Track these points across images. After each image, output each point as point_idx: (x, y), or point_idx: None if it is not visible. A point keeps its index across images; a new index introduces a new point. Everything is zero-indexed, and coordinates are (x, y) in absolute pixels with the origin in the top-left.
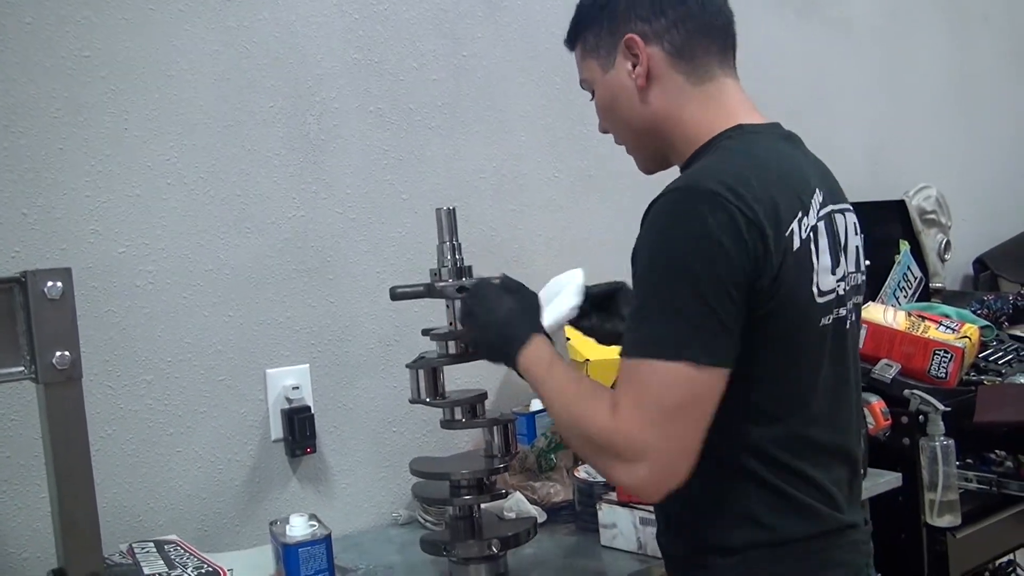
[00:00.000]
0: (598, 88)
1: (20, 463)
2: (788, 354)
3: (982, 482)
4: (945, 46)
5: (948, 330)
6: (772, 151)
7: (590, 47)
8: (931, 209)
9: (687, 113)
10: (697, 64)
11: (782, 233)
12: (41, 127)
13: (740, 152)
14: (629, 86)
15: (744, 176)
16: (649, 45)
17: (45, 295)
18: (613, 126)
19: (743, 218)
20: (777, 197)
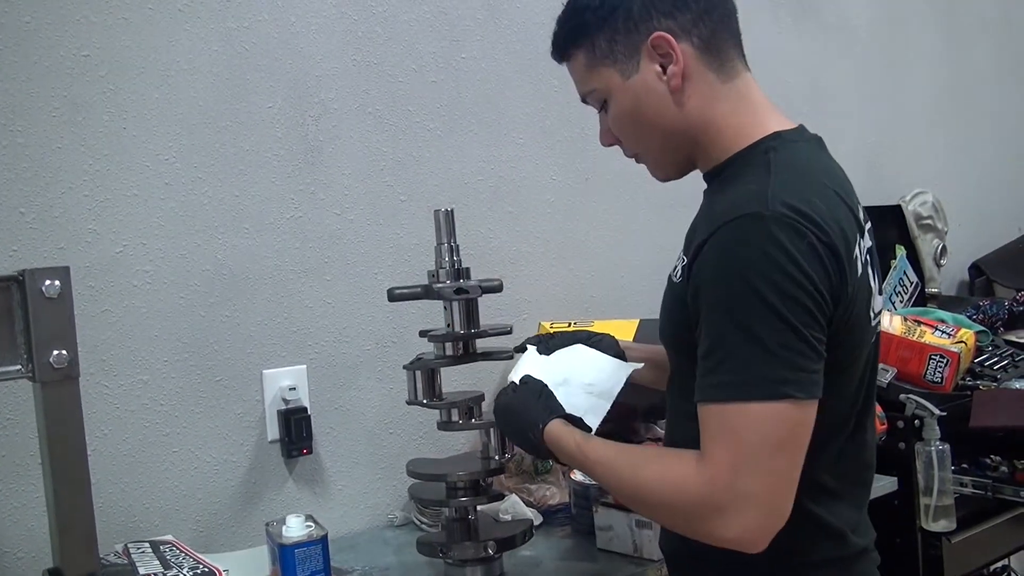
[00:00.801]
0: (617, 96)
1: (16, 462)
2: (848, 378)
3: (977, 487)
4: (942, 52)
5: (944, 335)
6: (819, 164)
7: (602, 53)
8: (927, 214)
9: (719, 114)
10: (724, 59)
11: (851, 257)
12: (40, 126)
13: (793, 168)
14: (659, 89)
15: (808, 197)
16: (680, 42)
17: (43, 294)
18: (636, 135)
19: (821, 244)
20: (841, 219)
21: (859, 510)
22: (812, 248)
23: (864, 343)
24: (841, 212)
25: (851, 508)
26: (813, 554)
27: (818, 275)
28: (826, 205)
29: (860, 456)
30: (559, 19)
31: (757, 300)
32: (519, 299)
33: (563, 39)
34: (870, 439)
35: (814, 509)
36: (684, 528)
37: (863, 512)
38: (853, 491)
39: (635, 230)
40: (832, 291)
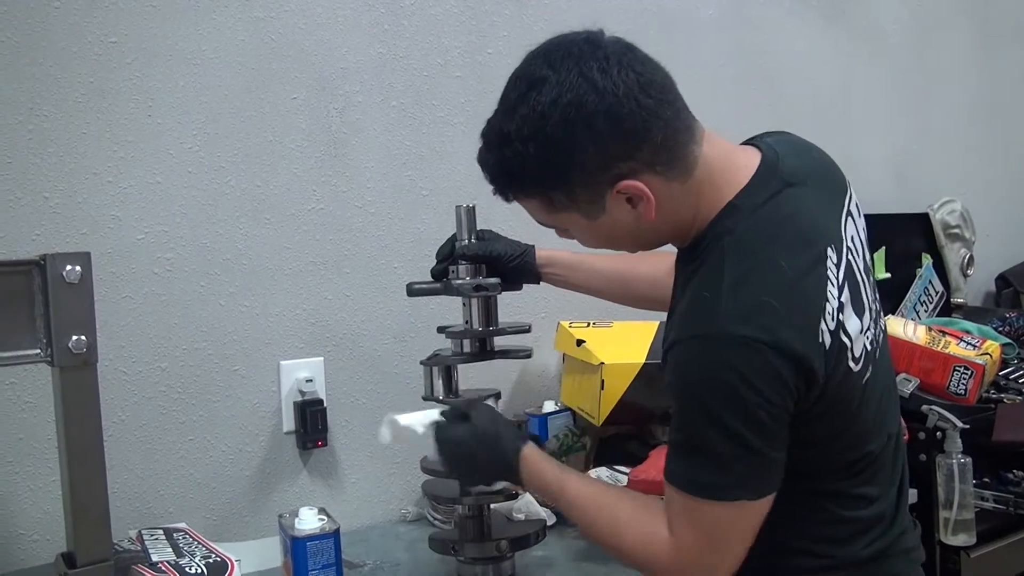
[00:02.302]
0: (583, 233)
1: (33, 445)
2: (838, 418)
3: (999, 502)
4: (973, 59)
5: (969, 346)
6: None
7: (561, 204)
8: (955, 223)
9: (687, 210)
10: (685, 163)
11: (816, 343)
12: (66, 111)
13: (748, 260)
14: (630, 221)
15: (763, 301)
16: (643, 178)
17: (64, 279)
18: (605, 248)
19: (776, 357)
20: (800, 306)
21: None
22: (766, 364)
23: (853, 388)
24: (799, 296)
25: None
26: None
27: (772, 389)
28: (782, 300)
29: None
30: (491, 164)
31: (710, 420)
32: (539, 297)
33: (505, 187)
34: (892, 426)
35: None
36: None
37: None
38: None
39: None
40: (794, 395)
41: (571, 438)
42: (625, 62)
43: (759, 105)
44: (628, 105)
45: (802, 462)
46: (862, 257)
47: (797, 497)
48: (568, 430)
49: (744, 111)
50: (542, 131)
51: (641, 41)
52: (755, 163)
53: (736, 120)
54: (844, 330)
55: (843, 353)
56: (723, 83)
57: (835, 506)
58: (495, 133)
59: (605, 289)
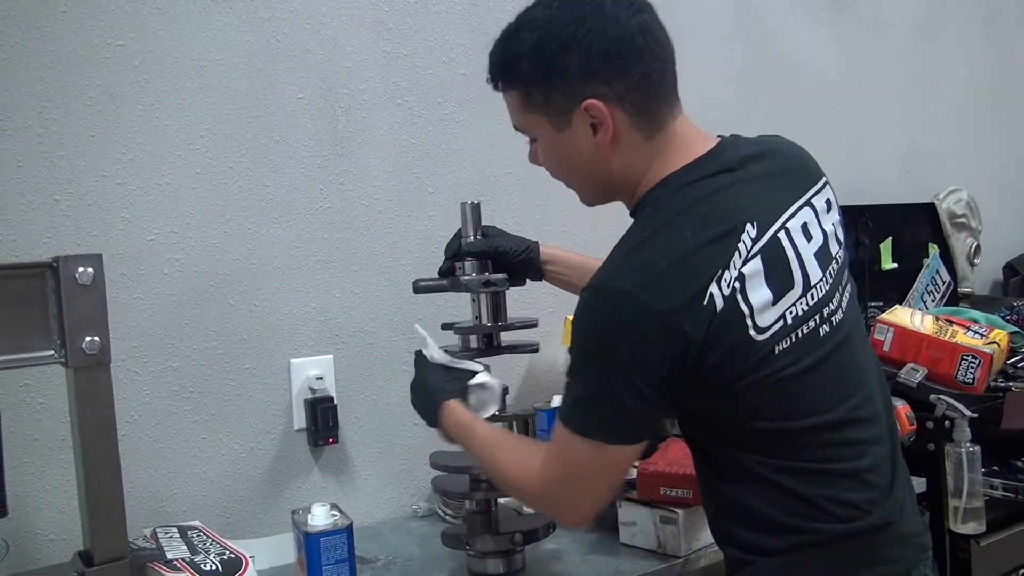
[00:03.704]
0: (546, 144)
1: (48, 446)
2: (762, 389)
3: (1008, 489)
4: (979, 48)
5: (976, 335)
6: (693, 202)
7: (536, 103)
8: (961, 213)
9: (640, 167)
10: (653, 118)
11: (700, 304)
12: (74, 114)
13: (658, 221)
14: (588, 147)
15: (650, 261)
16: (611, 108)
17: (76, 280)
18: (562, 175)
19: (640, 312)
20: (692, 266)
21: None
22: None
23: (754, 356)
24: (692, 260)
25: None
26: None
27: (636, 343)
28: (671, 263)
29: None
30: (494, 51)
31: (587, 360)
32: (545, 292)
33: (498, 73)
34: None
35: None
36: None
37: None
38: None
39: None
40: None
41: None
42: (638, 7)
43: (765, 97)
44: (623, 37)
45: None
46: (815, 244)
47: (754, 470)
48: None
49: (750, 103)
50: (544, 28)
51: None
52: (708, 148)
53: (742, 112)
54: (744, 298)
55: (739, 317)
56: (729, 75)
57: (794, 480)
58: (508, 27)
59: None
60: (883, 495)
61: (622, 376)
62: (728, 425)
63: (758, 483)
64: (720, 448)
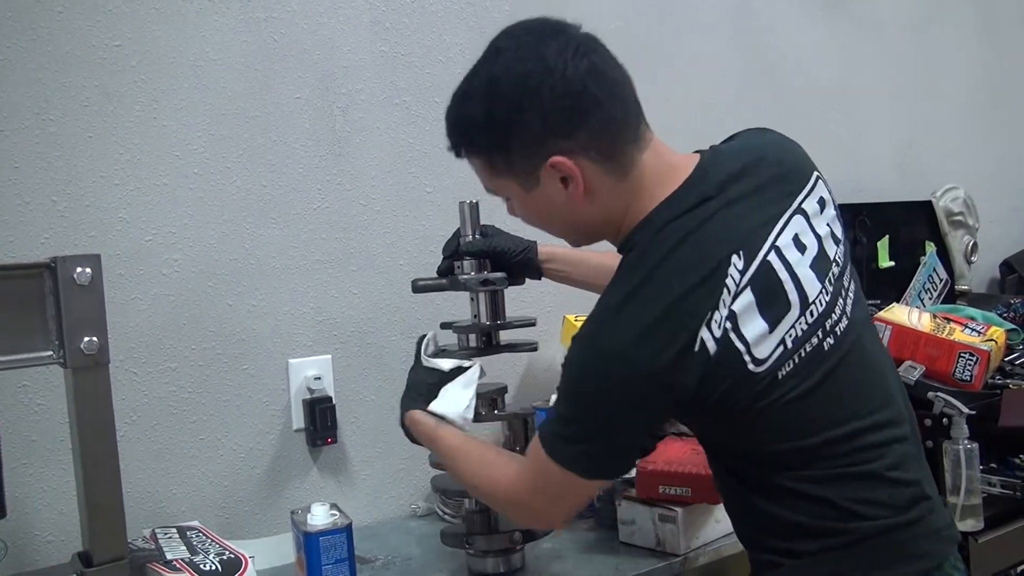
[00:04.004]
0: (519, 203)
1: (46, 447)
2: (772, 414)
3: (1006, 487)
4: (976, 45)
5: (974, 333)
6: (675, 244)
7: (500, 168)
8: (958, 211)
9: (618, 208)
10: (621, 160)
11: (692, 352)
12: (72, 115)
13: (639, 278)
14: (561, 201)
15: (640, 318)
16: (577, 160)
17: (74, 281)
18: (541, 227)
19: (632, 375)
20: (681, 316)
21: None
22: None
23: (759, 385)
24: (678, 311)
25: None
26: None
27: (625, 400)
28: (659, 317)
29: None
30: (448, 119)
31: (568, 404)
32: (543, 292)
33: (457, 144)
34: (890, 414)
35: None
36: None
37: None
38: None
39: None
40: (659, 405)
41: None
42: (583, 51)
43: (763, 96)
44: (573, 89)
45: (754, 451)
46: (810, 254)
47: (780, 483)
48: None
49: (748, 102)
50: (491, 94)
51: (643, 34)
52: (685, 176)
53: (739, 111)
54: (738, 335)
55: (735, 355)
56: (728, 75)
57: (817, 487)
58: (457, 92)
59: (605, 285)
60: (911, 491)
61: (612, 421)
62: (744, 445)
63: (781, 493)
64: (738, 462)
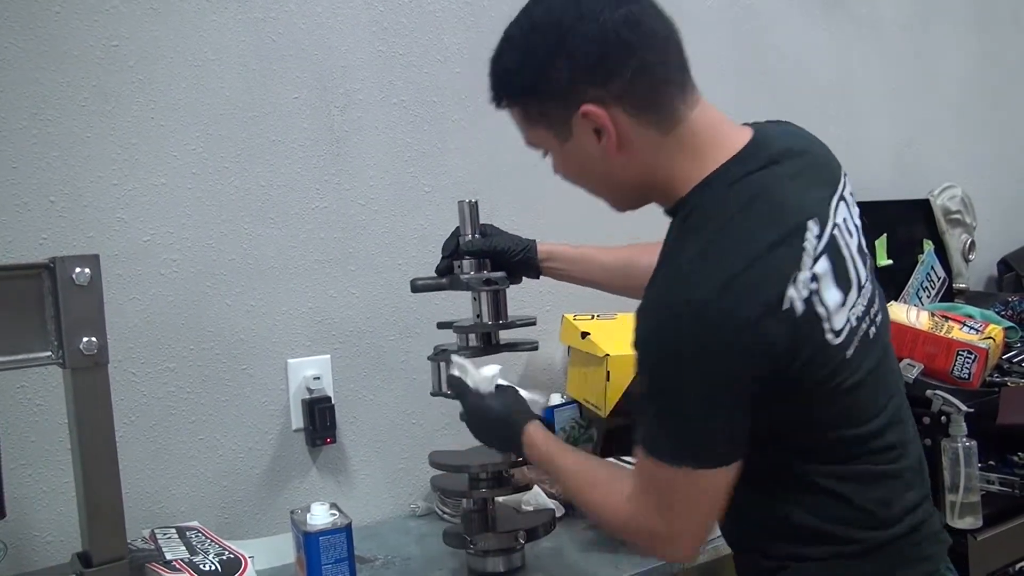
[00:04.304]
0: (556, 156)
1: (45, 448)
2: (828, 395)
3: (1004, 484)
4: (972, 44)
5: (972, 331)
6: (751, 198)
7: (534, 117)
8: (956, 209)
9: (663, 164)
10: (664, 112)
11: (779, 310)
12: (69, 115)
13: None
14: (596, 153)
15: (723, 269)
16: (610, 110)
17: (73, 281)
18: (582, 184)
19: (729, 325)
20: (768, 271)
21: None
22: (717, 333)
23: (833, 362)
24: (765, 265)
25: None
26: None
27: (723, 358)
28: (746, 269)
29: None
30: (489, 71)
31: (659, 386)
32: (543, 291)
33: (495, 92)
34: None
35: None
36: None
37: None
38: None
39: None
40: (753, 364)
41: (578, 430)
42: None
43: (759, 94)
44: (606, 36)
45: (800, 439)
46: (855, 239)
47: (803, 478)
48: (575, 422)
49: (745, 100)
50: (526, 41)
51: None
52: (745, 139)
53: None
54: (820, 300)
55: (817, 322)
56: (723, 74)
57: (844, 484)
58: (498, 44)
59: (606, 281)
60: (919, 494)
61: (706, 394)
62: (790, 434)
63: (802, 491)
64: (765, 456)
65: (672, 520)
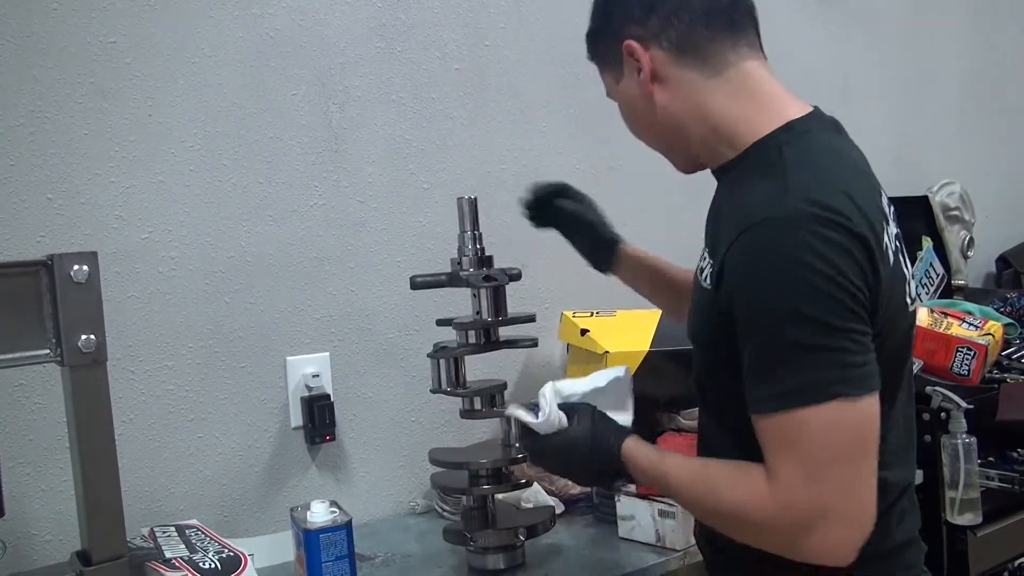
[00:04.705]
0: (616, 99)
1: (43, 446)
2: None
3: (1004, 480)
4: (970, 41)
5: (971, 327)
6: (837, 152)
7: (601, 59)
8: (954, 206)
9: (714, 109)
10: (707, 55)
11: (880, 246)
12: (67, 112)
13: (810, 161)
14: (637, 93)
15: (831, 189)
16: (648, 48)
17: (71, 278)
18: (638, 133)
19: (849, 236)
20: (866, 208)
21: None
22: (839, 243)
23: (899, 329)
24: (865, 200)
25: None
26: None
27: (851, 270)
28: (849, 194)
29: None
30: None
31: (790, 308)
32: (542, 288)
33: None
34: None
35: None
36: (772, 548)
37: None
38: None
39: (659, 220)
40: (867, 282)
41: None
42: None
43: None
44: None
45: None
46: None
47: None
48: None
49: None
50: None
51: None
52: (808, 108)
53: None
54: (904, 260)
55: (901, 278)
56: None
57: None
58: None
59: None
60: (914, 517)
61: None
62: None
63: None
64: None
65: (829, 485)
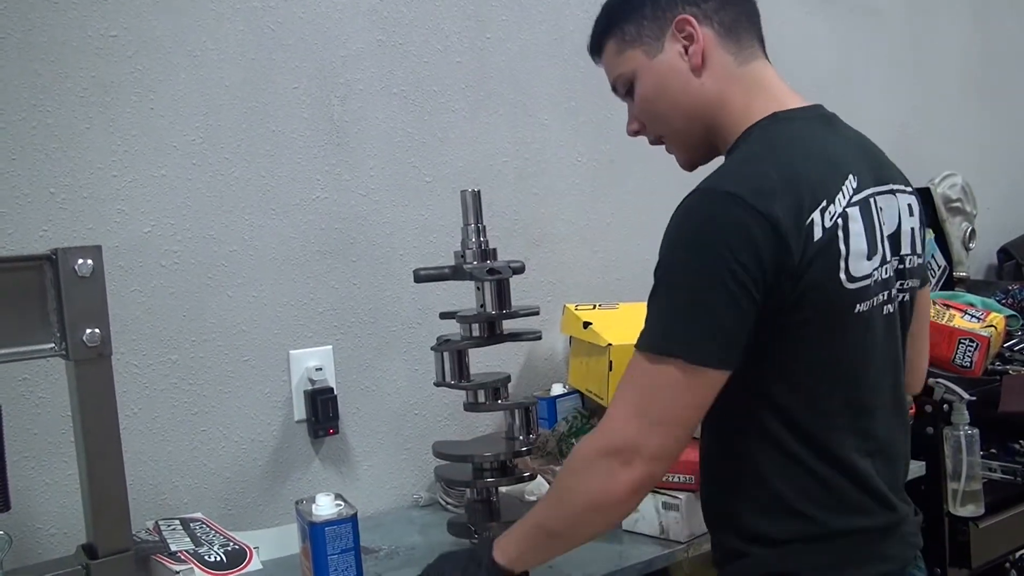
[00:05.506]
0: (643, 76)
1: (48, 440)
2: (825, 344)
3: (1006, 472)
4: (971, 32)
5: (973, 319)
6: (801, 139)
7: (630, 37)
8: (956, 197)
9: (734, 95)
10: (743, 45)
11: (801, 224)
12: (68, 106)
13: (766, 145)
14: (681, 68)
15: (765, 171)
16: (702, 25)
17: (76, 272)
18: (659, 114)
19: (754, 214)
20: (799, 188)
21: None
22: (738, 219)
23: (840, 307)
24: (800, 183)
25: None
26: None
27: (743, 246)
28: (781, 178)
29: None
30: (600, 13)
31: (676, 266)
32: (544, 281)
33: (596, 33)
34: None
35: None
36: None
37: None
38: (869, 461)
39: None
40: (764, 264)
41: (580, 420)
42: None
43: None
44: None
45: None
46: (891, 229)
47: (780, 437)
48: (577, 412)
49: None
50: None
51: None
52: (802, 102)
53: None
54: (845, 237)
55: (834, 254)
56: None
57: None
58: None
59: None
60: (895, 494)
61: (718, 278)
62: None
63: (779, 453)
64: (749, 405)
65: (649, 426)
